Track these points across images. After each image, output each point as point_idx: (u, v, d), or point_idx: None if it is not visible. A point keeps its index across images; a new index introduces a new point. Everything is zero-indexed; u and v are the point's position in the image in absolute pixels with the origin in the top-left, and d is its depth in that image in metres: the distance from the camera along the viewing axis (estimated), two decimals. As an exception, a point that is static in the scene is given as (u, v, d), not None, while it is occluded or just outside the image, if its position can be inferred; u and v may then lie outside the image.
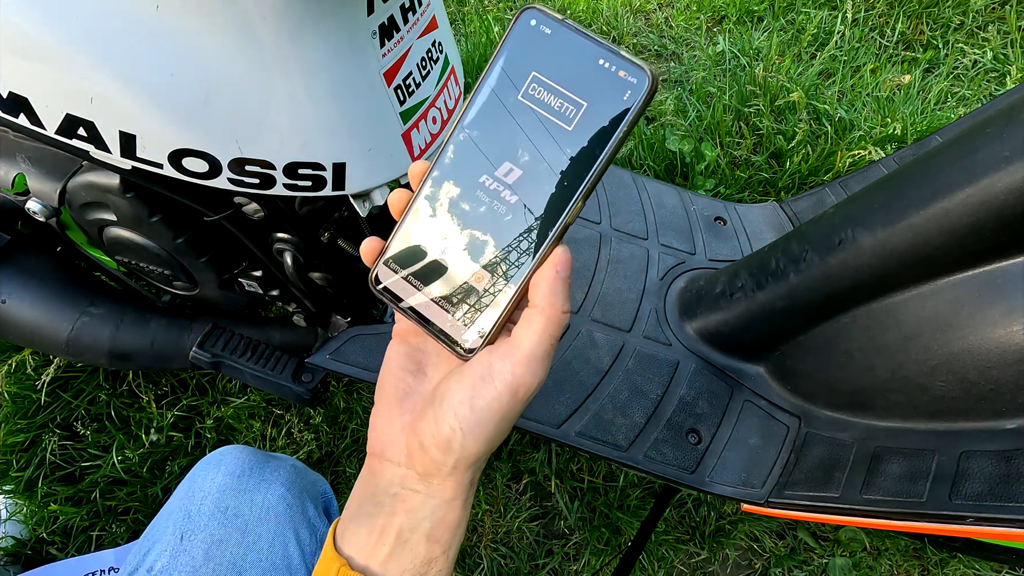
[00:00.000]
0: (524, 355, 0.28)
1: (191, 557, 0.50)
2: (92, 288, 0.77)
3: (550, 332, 0.28)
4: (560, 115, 0.27)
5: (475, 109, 0.28)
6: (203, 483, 0.54)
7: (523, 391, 0.28)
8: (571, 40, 0.27)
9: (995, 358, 0.54)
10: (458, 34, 1.47)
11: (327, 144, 0.51)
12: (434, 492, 0.30)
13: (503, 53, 0.28)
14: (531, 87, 0.27)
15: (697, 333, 0.76)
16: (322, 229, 0.66)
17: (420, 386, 0.32)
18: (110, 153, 0.48)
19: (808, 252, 0.64)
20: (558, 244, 0.28)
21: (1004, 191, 0.49)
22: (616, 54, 0.26)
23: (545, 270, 0.28)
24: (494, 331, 0.30)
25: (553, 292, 0.28)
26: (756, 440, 0.70)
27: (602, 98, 0.26)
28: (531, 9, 0.27)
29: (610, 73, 0.26)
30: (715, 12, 1.54)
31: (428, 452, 0.29)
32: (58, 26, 0.42)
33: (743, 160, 1.26)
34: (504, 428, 0.29)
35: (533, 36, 0.27)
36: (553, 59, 0.27)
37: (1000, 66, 1.39)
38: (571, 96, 0.27)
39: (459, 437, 0.28)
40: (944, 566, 0.91)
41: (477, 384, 0.29)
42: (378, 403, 0.33)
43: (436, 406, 0.30)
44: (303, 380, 0.75)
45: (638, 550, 0.79)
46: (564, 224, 0.28)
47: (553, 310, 0.28)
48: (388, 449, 0.32)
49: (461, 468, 0.29)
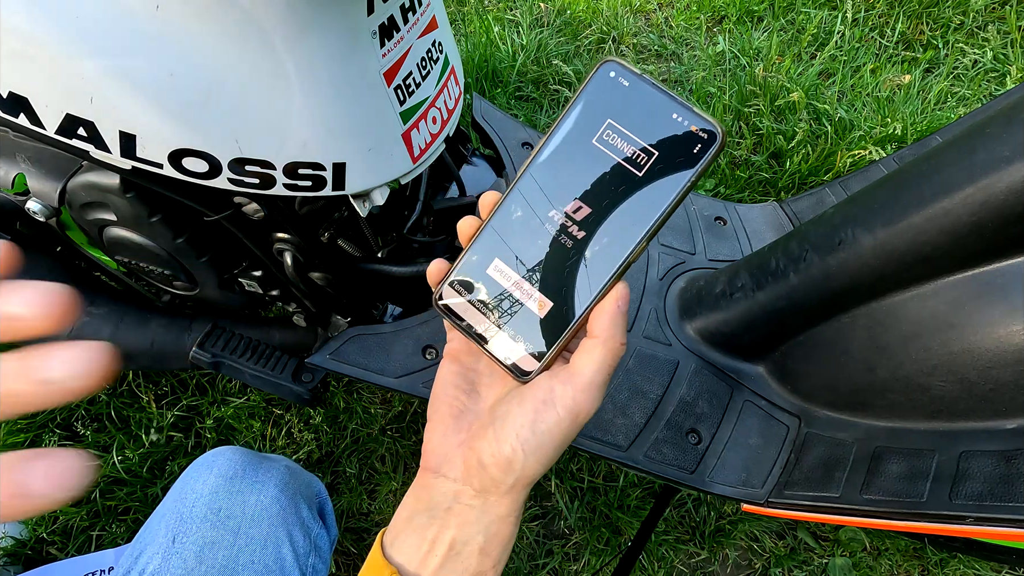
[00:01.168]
0: (585, 383, 0.30)
1: (183, 559, 0.50)
2: (92, 288, 0.77)
3: (609, 362, 0.30)
4: (631, 161, 0.29)
5: (550, 148, 0.30)
6: (195, 485, 0.54)
7: (582, 416, 0.30)
8: (647, 93, 0.28)
9: (995, 358, 0.54)
10: (458, 34, 1.47)
11: (327, 144, 0.51)
12: (490, 508, 0.31)
13: (582, 99, 0.30)
14: (605, 132, 0.29)
15: (697, 333, 0.76)
16: (322, 229, 0.66)
17: (474, 405, 0.34)
18: (110, 153, 0.48)
19: (808, 252, 0.64)
20: (620, 280, 0.30)
21: (1004, 191, 0.49)
22: (690, 110, 0.28)
23: (607, 304, 0.30)
24: (552, 357, 0.31)
25: (614, 325, 0.30)
26: (756, 440, 0.70)
27: (673, 149, 0.28)
28: (611, 62, 0.29)
29: (682, 127, 0.28)
30: (715, 12, 1.54)
31: (488, 470, 0.31)
32: (58, 26, 0.42)
33: (743, 160, 1.26)
34: (560, 450, 0.31)
35: (611, 86, 0.29)
36: (628, 109, 0.29)
37: (1000, 66, 1.39)
38: (643, 144, 0.29)
39: (520, 458, 0.30)
40: (944, 566, 0.91)
41: (539, 408, 0.30)
42: (432, 419, 0.34)
43: (497, 427, 0.31)
44: (303, 380, 0.75)
45: (638, 550, 0.79)
46: (627, 262, 0.30)
47: (614, 342, 0.30)
48: (444, 465, 0.33)
49: (519, 487, 0.31)
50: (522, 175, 0.31)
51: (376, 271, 0.71)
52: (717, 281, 0.75)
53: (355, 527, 0.92)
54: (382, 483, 0.95)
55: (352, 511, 0.93)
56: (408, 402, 1.00)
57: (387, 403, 1.01)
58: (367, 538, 0.92)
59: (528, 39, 1.41)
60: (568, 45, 1.45)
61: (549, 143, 0.30)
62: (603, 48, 1.47)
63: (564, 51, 1.44)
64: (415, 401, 1.00)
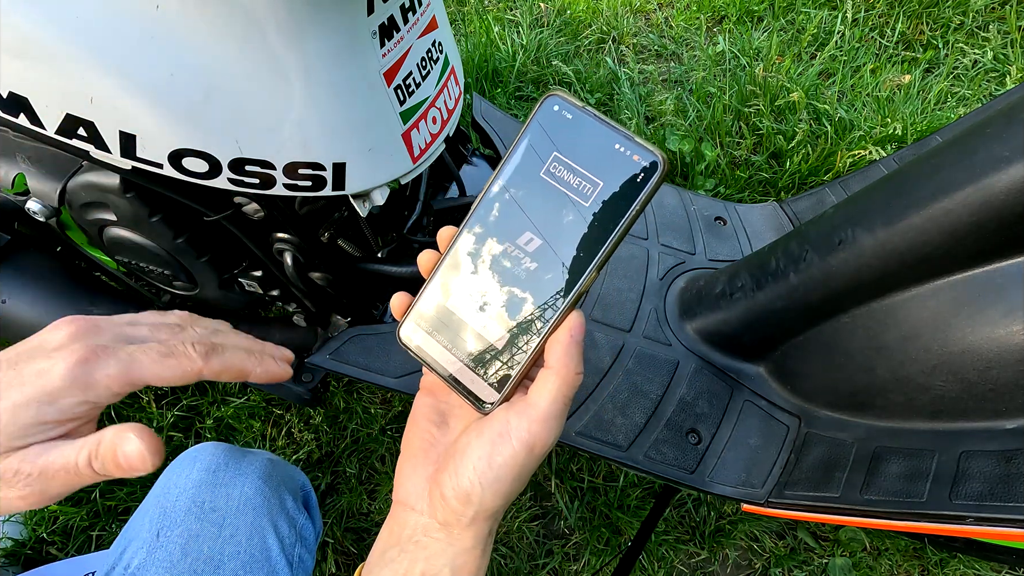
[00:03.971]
0: (540, 414, 0.30)
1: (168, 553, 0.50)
2: (92, 288, 0.77)
3: (564, 393, 0.30)
4: (578, 192, 0.30)
5: (501, 181, 0.31)
6: (178, 480, 0.54)
7: (539, 448, 0.30)
8: (590, 125, 0.29)
9: (995, 358, 0.54)
10: (458, 34, 1.47)
11: (327, 144, 0.51)
12: (454, 541, 0.31)
13: (528, 133, 0.30)
14: (552, 165, 0.30)
15: (697, 333, 0.76)
16: (322, 229, 0.66)
17: (444, 437, 0.34)
18: (110, 153, 0.48)
19: (808, 252, 0.64)
20: (573, 309, 0.31)
21: (1004, 191, 0.49)
22: (631, 140, 0.29)
23: (560, 334, 0.30)
24: (511, 388, 0.32)
25: (568, 355, 0.30)
26: (756, 440, 0.70)
27: (617, 179, 0.29)
28: (554, 96, 0.30)
29: (625, 157, 0.29)
30: (715, 12, 1.54)
31: (449, 503, 0.31)
32: (58, 26, 0.42)
33: (743, 160, 1.26)
34: (521, 483, 0.31)
35: (556, 119, 0.30)
36: (573, 141, 0.30)
37: (1000, 66, 1.39)
38: (589, 176, 0.29)
39: (478, 491, 0.30)
40: (944, 566, 0.91)
41: (496, 441, 0.30)
42: (404, 452, 0.35)
43: (457, 460, 0.31)
44: (303, 380, 0.75)
45: (638, 550, 0.79)
46: (579, 291, 0.30)
47: (567, 371, 0.30)
48: (412, 497, 0.33)
49: (480, 520, 0.31)
50: (475, 209, 0.31)
51: (376, 271, 0.71)
52: (717, 281, 0.75)
53: (355, 527, 0.92)
54: (382, 483, 0.95)
55: (352, 511, 0.93)
56: (408, 402, 1.00)
57: (387, 403, 1.01)
58: (367, 538, 0.92)
59: (528, 39, 1.41)
60: (568, 45, 1.45)
61: (499, 176, 0.31)
62: (603, 48, 1.47)
63: (564, 51, 1.44)
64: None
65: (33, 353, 0.33)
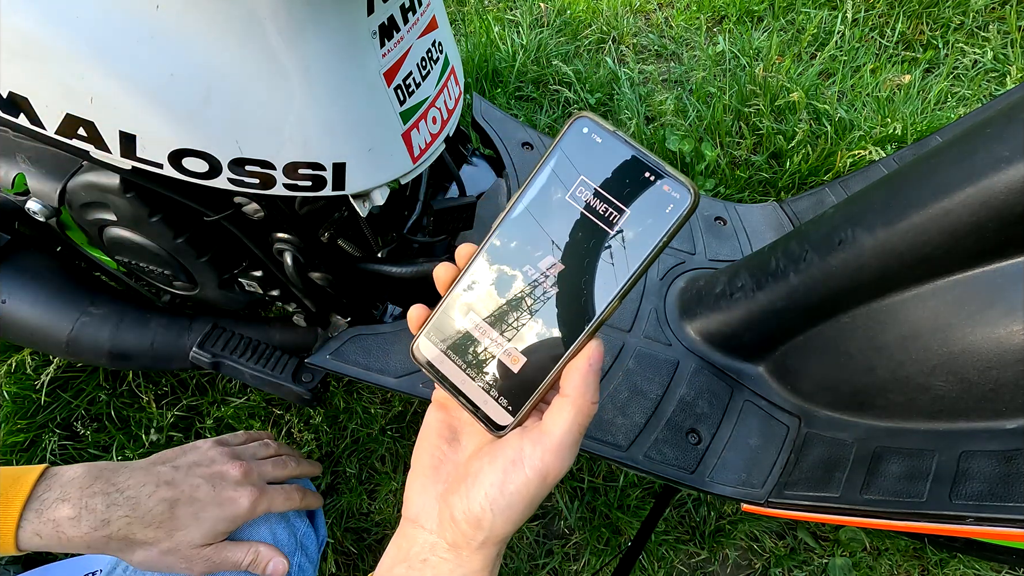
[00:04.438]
0: (554, 444, 0.29)
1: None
2: (92, 288, 0.77)
3: (579, 422, 0.30)
4: (603, 219, 0.29)
5: (524, 202, 0.30)
6: None
7: (551, 477, 0.30)
8: (620, 150, 0.28)
9: (995, 358, 0.54)
10: (458, 34, 1.47)
11: (327, 144, 0.51)
12: (463, 563, 0.31)
13: (555, 154, 0.29)
14: (578, 189, 0.29)
15: (697, 333, 0.76)
16: (322, 229, 0.66)
17: (454, 455, 0.34)
18: (110, 153, 0.48)
19: (808, 252, 0.63)
20: (592, 338, 0.30)
21: (1004, 191, 0.49)
22: (662, 168, 0.28)
23: (579, 362, 0.30)
24: (525, 413, 0.31)
25: (585, 384, 0.29)
26: (756, 440, 0.70)
27: (645, 208, 0.28)
28: (584, 117, 0.29)
29: (654, 186, 0.28)
30: (715, 12, 1.54)
31: (459, 525, 0.31)
32: (58, 26, 0.42)
33: (743, 160, 1.26)
34: (531, 509, 0.31)
35: (584, 142, 0.29)
36: (601, 166, 0.29)
37: (1000, 66, 1.39)
38: (615, 202, 0.28)
39: (489, 517, 0.30)
40: (944, 566, 0.91)
41: (508, 468, 0.30)
42: (414, 467, 0.35)
43: (468, 483, 0.31)
44: (303, 380, 0.75)
45: (638, 550, 0.79)
46: (599, 320, 0.29)
47: (583, 401, 0.29)
48: (422, 515, 0.33)
49: (489, 544, 0.31)
50: (497, 228, 0.31)
51: (376, 271, 0.71)
52: (717, 281, 0.75)
53: (355, 527, 0.92)
54: (382, 483, 0.95)
55: (352, 511, 0.93)
56: (408, 402, 1.00)
57: (387, 403, 1.01)
58: (367, 538, 0.92)
59: (528, 39, 1.41)
60: (568, 45, 1.45)
61: (523, 197, 0.30)
62: (603, 48, 1.47)
63: (564, 51, 1.44)
64: (415, 401, 1.00)
65: (222, 481, 0.53)
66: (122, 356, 0.75)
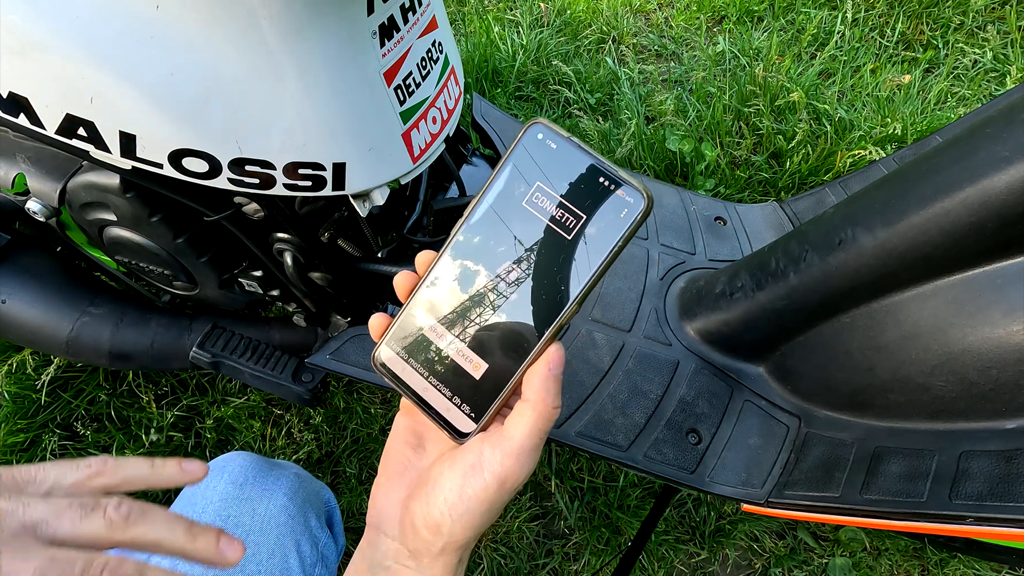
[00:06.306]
0: (514, 448, 0.29)
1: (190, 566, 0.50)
2: (92, 288, 0.77)
3: (540, 427, 0.29)
4: (560, 224, 0.29)
5: (482, 209, 0.30)
6: (206, 491, 0.54)
7: (511, 483, 0.29)
8: (574, 156, 0.29)
9: (995, 358, 0.54)
10: (458, 34, 1.47)
11: (327, 144, 0.51)
12: (424, 570, 0.31)
13: (511, 160, 0.30)
14: (535, 195, 0.29)
15: (697, 333, 0.76)
16: (322, 229, 0.66)
17: (419, 461, 0.34)
18: (110, 153, 0.48)
19: (808, 252, 0.63)
20: (552, 342, 0.30)
21: (1004, 191, 0.49)
22: (616, 173, 0.28)
23: (539, 367, 0.30)
24: (487, 419, 0.31)
25: (545, 388, 0.29)
26: (756, 440, 0.70)
27: (600, 213, 0.28)
28: (538, 124, 0.29)
29: (609, 191, 0.28)
30: (715, 12, 1.54)
31: (419, 532, 0.30)
32: (58, 26, 0.42)
33: (743, 160, 1.26)
34: (492, 515, 0.30)
35: (539, 148, 0.29)
36: (557, 171, 0.29)
37: (1000, 66, 1.39)
38: (572, 208, 0.29)
39: (448, 523, 0.30)
40: (944, 566, 0.91)
41: (468, 473, 0.30)
42: (380, 474, 0.34)
43: (428, 489, 0.31)
44: (303, 380, 0.75)
45: (638, 550, 0.79)
46: (559, 325, 0.29)
47: (544, 405, 0.29)
48: (385, 522, 0.33)
49: (449, 551, 0.30)
50: (455, 234, 0.31)
51: (376, 271, 0.71)
52: (717, 281, 0.75)
53: (355, 527, 0.92)
54: (382, 483, 0.95)
55: (352, 511, 0.93)
56: (408, 402, 1.00)
57: (387, 403, 1.01)
58: (367, 538, 0.92)
59: (528, 39, 1.41)
60: (568, 45, 1.45)
61: (481, 203, 0.30)
62: (603, 48, 1.47)
63: (564, 51, 1.44)
64: (415, 401, 1.00)
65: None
66: (122, 356, 0.75)
